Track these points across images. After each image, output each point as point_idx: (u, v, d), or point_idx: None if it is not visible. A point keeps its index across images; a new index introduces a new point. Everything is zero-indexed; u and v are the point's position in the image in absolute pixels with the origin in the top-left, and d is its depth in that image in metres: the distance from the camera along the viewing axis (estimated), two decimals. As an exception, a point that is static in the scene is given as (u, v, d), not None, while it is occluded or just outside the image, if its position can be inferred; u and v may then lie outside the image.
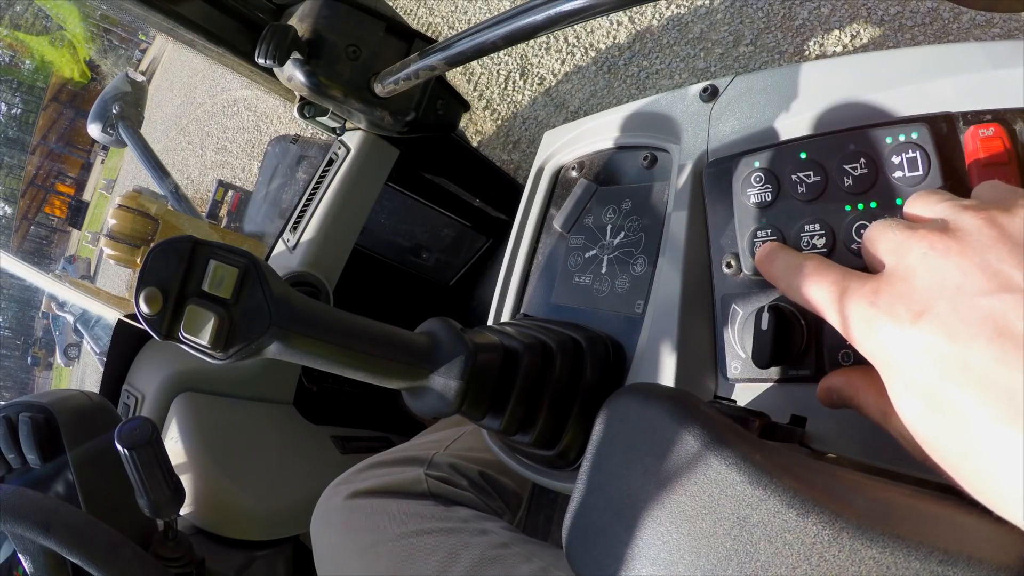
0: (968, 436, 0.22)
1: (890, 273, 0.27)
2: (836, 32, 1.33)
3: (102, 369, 0.94)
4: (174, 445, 0.82)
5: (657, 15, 1.64)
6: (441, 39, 0.57)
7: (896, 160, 0.37)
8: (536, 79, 1.94)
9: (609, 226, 0.55)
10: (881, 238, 0.28)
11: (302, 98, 0.83)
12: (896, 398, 0.25)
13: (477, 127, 2.04)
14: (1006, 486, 0.21)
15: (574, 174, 0.62)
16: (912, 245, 0.26)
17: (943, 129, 0.36)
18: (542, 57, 1.94)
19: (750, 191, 0.43)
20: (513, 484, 0.70)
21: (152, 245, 0.34)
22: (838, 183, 0.39)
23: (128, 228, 1.72)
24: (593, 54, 1.79)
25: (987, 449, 0.21)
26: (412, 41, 0.80)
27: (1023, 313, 0.21)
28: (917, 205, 0.30)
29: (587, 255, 0.56)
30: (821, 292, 0.29)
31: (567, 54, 1.87)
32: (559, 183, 0.64)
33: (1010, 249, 0.23)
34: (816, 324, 0.39)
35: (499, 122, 2.00)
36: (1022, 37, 1.11)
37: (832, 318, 0.28)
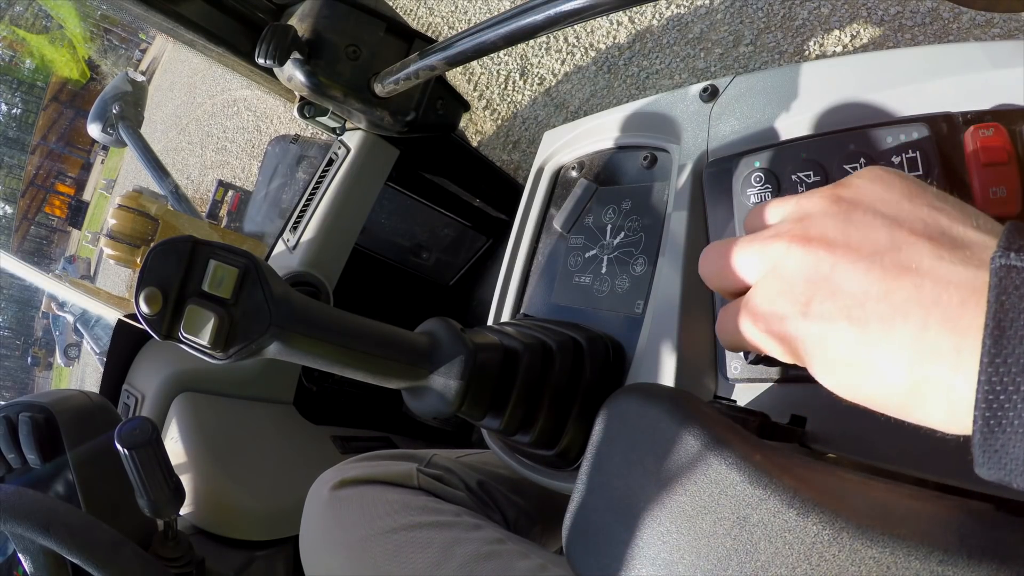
0: (896, 377, 0.22)
1: (761, 280, 0.27)
2: (836, 32, 1.33)
3: (102, 369, 0.94)
4: (174, 445, 0.82)
5: (657, 15, 1.64)
6: (441, 39, 0.57)
7: (896, 160, 0.37)
8: (536, 79, 1.94)
9: (609, 226, 0.55)
10: (738, 258, 0.29)
11: (302, 98, 0.83)
12: (821, 378, 0.26)
13: (477, 127, 2.04)
14: (937, 401, 0.21)
15: (574, 174, 0.62)
16: (771, 248, 0.27)
17: (943, 129, 0.36)
18: (542, 57, 1.94)
19: (750, 191, 0.43)
20: (522, 505, 0.64)
21: (152, 245, 0.33)
22: (838, 183, 0.39)
23: (128, 228, 1.72)
24: (593, 54, 1.79)
25: (918, 378, 0.22)
26: (412, 41, 0.80)
27: (902, 265, 0.22)
28: (755, 217, 0.31)
29: (587, 255, 0.56)
30: (728, 336, 0.30)
31: (567, 54, 1.87)
32: (559, 183, 0.64)
33: (863, 213, 0.25)
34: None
35: (499, 122, 1.99)
36: (1022, 37, 1.11)
37: (749, 345, 0.29)
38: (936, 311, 0.21)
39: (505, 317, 0.62)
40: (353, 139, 0.98)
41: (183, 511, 0.77)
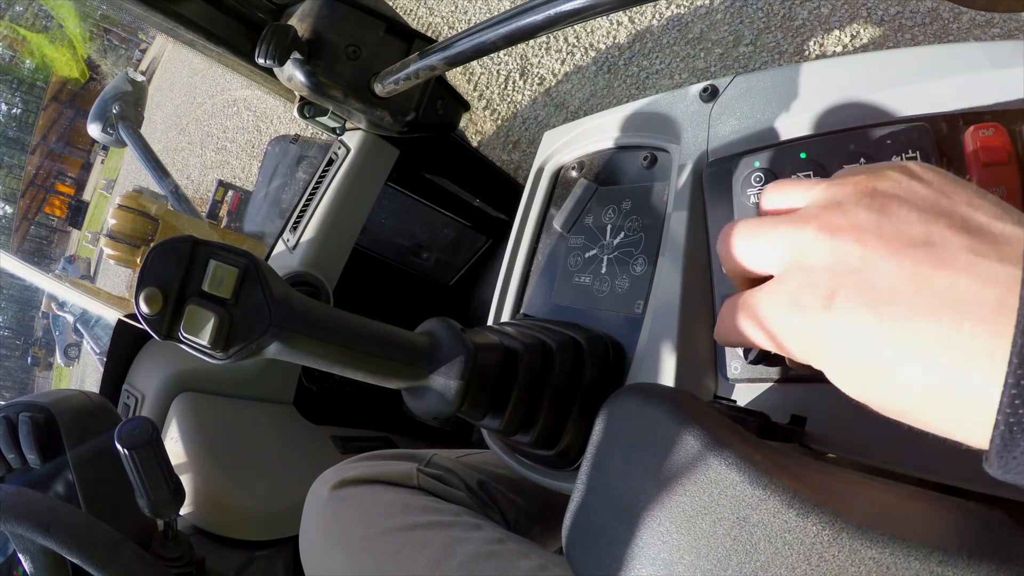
0: (917, 380, 0.21)
1: (784, 272, 0.26)
2: (836, 32, 1.33)
3: (102, 369, 0.94)
4: (174, 445, 0.82)
5: (657, 15, 1.64)
6: (441, 39, 0.57)
7: (896, 160, 0.37)
8: (536, 79, 1.94)
9: (609, 226, 0.55)
10: (761, 241, 0.27)
11: (302, 98, 0.83)
12: (833, 377, 0.24)
13: (477, 127, 2.04)
14: (964, 407, 0.20)
15: (574, 174, 0.62)
16: (797, 234, 0.25)
17: (943, 129, 0.36)
18: (542, 57, 1.94)
19: (750, 191, 0.43)
20: (522, 505, 0.64)
21: (152, 245, 0.33)
22: (838, 183, 0.39)
23: (128, 228, 1.72)
24: (593, 54, 1.79)
25: (948, 386, 0.20)
26: (412, 41, 0.80)
27: (937, 259, 0.21)
28: (778, 194, 0.29)
29: (587, 255, 0.56)
30: (732, 332, 0.28)
31: (567, 54, 1.87)
32: (559, 183, 0.64)
33: (898, 206, 0.23)
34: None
35: (499, 122, 1.99)
36: (1022, 37, 1.11)
37: (758, 340, 0.27)
38: (971, 311, 0.19)
39: (505, 317, 0.62)
40: (353, 139, 0.98)
41: (183, 511, 0.77)
